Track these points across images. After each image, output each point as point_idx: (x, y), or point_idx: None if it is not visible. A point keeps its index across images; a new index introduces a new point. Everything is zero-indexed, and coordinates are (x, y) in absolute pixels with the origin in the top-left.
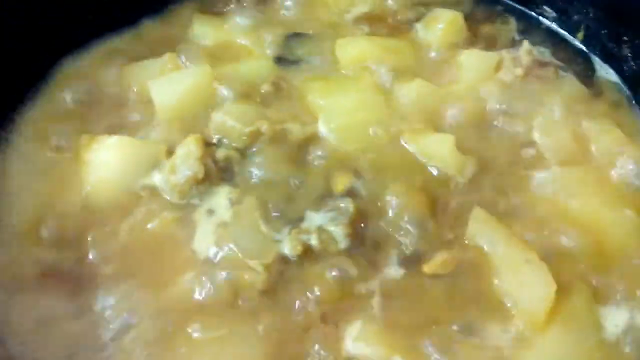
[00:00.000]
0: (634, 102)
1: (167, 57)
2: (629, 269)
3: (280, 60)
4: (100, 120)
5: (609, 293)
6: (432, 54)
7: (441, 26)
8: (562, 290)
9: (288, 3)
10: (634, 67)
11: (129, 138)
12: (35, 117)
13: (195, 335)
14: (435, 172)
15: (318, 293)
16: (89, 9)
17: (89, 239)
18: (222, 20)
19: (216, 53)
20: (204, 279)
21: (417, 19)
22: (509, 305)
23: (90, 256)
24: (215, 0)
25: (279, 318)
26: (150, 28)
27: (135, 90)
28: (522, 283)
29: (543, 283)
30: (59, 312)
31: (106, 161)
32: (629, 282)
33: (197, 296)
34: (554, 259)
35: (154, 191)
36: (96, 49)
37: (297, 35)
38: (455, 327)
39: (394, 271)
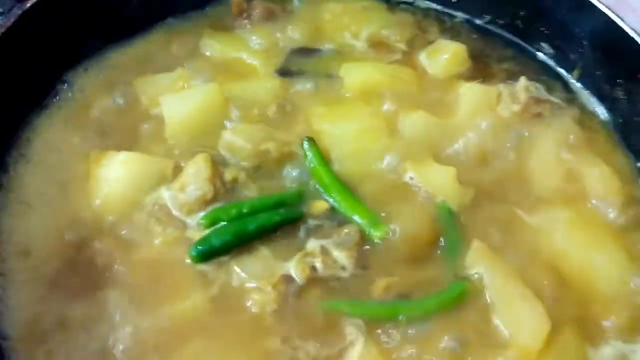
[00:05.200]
0: (624, 143)
1: (178, 72)
2: (617, 310)
3: (285, 77)
4: (110, 134)
5: (597, 331)
6: (435, 84)
7: (445, 57)
8: (554, 327)
9: (295, 21)
10: (627, 109)
11: (138, 154)
12: (44, 133)
13: (194, 356)
14: (434, 203)
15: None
16: (95, 20)
17: (96, 254)
18: (230, 37)
19: (224, 70)
20: (209, 297)
21: (422, 48)
22: (503, 336)
23: (96, 270)
24: (224, 16)
25: (285, 339)
26: (159, 42)
27: (145, 104)
28: (517, 317)
29: (537, 319)
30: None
31: (115, 177)
32: (616, 321)
33: (201, 314)
34: (545, 295)
35: (161, 207)
36: (104, 61)
37: (303, 53)
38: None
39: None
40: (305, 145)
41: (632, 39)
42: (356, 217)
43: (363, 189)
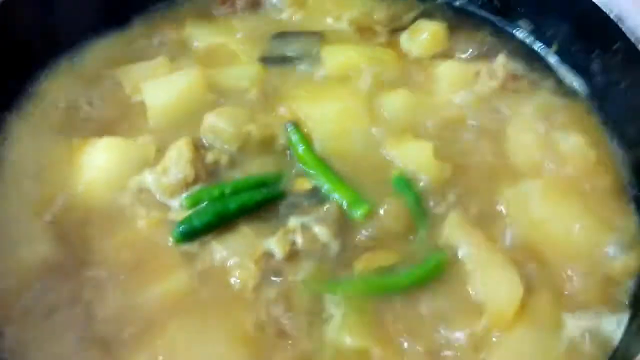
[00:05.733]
0: (601, 114)
1: (160, 59)
2: (591, 277)
3: (267, 62)
4: (94, 123)
5: (571, 298)
6: (415, 64)
7: (424, 37)
8: (527, 293)
9: (279, 8)
10: (602, 81)
11: (120, 139)
12: (27, 118)
13: (179, 332)
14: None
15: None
16: (79, 9)
17: (81, 237)
18: (214, 24)
19: (208, 56)
20: (192, 275)
21: (403, 28)
22: (478, 304)
23: (81, 254)
24: (209, 3)
25: (266, 313)
26: (142, 30)
27: (127, 91)
28: (492, 285)
29: (510, 285)
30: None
31: (98, 163)
32: (588, 286)
33: (185, 293)
34: (521, 264)
35: (144, 191)
36: (87, 51)
37: (285, 37)
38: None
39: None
40: (290, 129)
41: (605, 12)
42: (339, 197)
43: (345, 168)
